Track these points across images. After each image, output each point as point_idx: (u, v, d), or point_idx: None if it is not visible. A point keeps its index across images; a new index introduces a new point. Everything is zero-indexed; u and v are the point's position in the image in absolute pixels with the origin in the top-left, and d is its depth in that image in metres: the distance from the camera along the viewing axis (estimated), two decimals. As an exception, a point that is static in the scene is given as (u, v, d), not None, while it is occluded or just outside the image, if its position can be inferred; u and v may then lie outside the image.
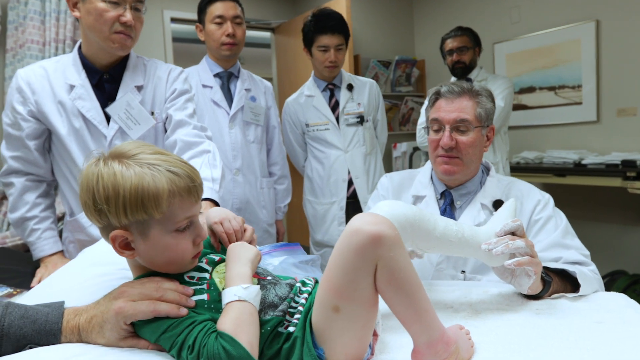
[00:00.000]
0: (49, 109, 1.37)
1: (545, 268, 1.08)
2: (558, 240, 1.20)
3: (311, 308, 0.79)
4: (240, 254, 0.83)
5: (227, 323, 0.72)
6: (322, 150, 2.34)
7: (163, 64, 1.54)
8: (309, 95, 2.36)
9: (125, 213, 0.71)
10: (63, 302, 0.79)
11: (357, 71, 3.95)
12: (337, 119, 2.31)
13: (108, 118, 1.40)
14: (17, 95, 1.37)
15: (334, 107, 2.33)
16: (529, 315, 0.97)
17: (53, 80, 1.38)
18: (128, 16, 1.33)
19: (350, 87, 2.35)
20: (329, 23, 2.19)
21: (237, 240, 0.98)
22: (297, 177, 2.64)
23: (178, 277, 0.79)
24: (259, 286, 0.78)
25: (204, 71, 2.01)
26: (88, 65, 1.41)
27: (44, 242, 1.42)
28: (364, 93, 2.37)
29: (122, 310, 0.72)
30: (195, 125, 1.45)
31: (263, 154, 2.13)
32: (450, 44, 2.57)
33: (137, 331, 0.75)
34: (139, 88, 1.45)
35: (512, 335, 0.88)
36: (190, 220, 0.77)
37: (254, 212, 2.06)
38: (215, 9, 1.93)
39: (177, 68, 1.56)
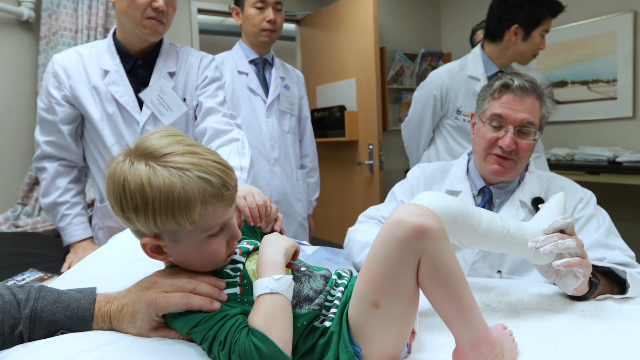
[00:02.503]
0: (83, 93, 1.37)
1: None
2: (601, 240, 1.14)
3: (348, 302, 0.77)
4: (274, 243, 0.80)
5: (258, 318, 0.69)
6: (465, 145, 1.97)
7: (195, 51, 1.54)
8: (473, 77, 1.96)
9: (155, 223, 0.68)
10: (95, 289, 0.78)
11: (382, 64, 3.89)
12: None
13: (141, 104, 1.40)
14: (53, 80, 1.38)
15: None
16: (574, 316, 0.92)
17: (88, 66, 1.39)
18: (160, 1, 1.32)
19: None
20: (558, 7, 1.89)
21: (260, 216, 0.97)
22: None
23: (213, 273, 0.77)
24: (291, 276, 0.75)
25: (239, 57, 1.97)
26: (122, 51, 1.41)
27: (74, 228, 1.43)
28: None
29: (154, 301, 0.70)
30: (225, 113, 1.44)
31: (297, 145, 2.09)
32: (481, 35, 2.49)
33: (169, 323, 0.74)
34: (172, 74, 1.45)
35: (557, 337, 0.84)
36: (225, 224, 0.74)
37: (291, 204, 2.02)
38: None
39: (209, 56, 1.55)
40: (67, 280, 0.96)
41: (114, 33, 1.42)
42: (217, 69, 1.53)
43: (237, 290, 0.75)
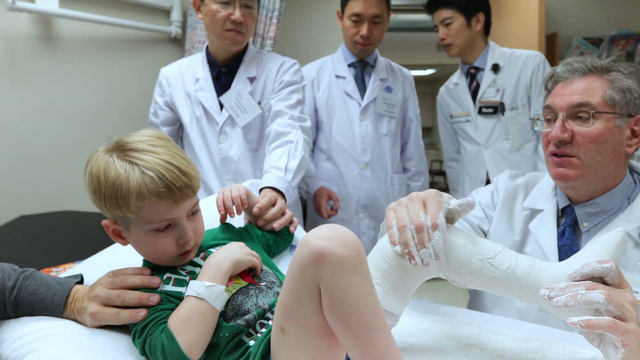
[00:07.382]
0: (178, 99, 1.59)
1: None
2: None
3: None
4: (231, 250, 0.81)
5: (174, 318, 0.72)
6: (463, 145, 2.08)
7: (279, 57, 1.61)
8: (455, 82, 2.09)
9: (106, 207, 0.76)
10: (74, 281, 0.83)
11: (554, 52, 3.32)
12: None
13: (222, 107, 1.54)
14: (158, 88, 1.63)
15: (475, 93, 2.02)
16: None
17: (185, 75, 1.60)
18: (237, 14, 1.43)
19: (495, 68, 1.96)
20: None
21: (236, 207, 1.00)
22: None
23: (171, 269, 0.82)
24: (223, 287, 0.75)
25: (339, 61, 1.96)
26: (211, 61, 1.58)
27: None
28: (514, 73, 1.94)
29: (94, 316, 0.76)
30: (291, 115, 1.47)
31: (396, 148, 1.99)
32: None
33: None
34: (252, 79, 1.55)
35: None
36: (172, 222, 0.78)
37: (381, 209, 1.93)
38: (355, 5, 1.78)
39: (291, 60, 1.60)
40: (91, 266, 1.07)
41: (207, 46, 1.60)
42: (296, 73, 1.57)
43: (183, 289, 0.78)
